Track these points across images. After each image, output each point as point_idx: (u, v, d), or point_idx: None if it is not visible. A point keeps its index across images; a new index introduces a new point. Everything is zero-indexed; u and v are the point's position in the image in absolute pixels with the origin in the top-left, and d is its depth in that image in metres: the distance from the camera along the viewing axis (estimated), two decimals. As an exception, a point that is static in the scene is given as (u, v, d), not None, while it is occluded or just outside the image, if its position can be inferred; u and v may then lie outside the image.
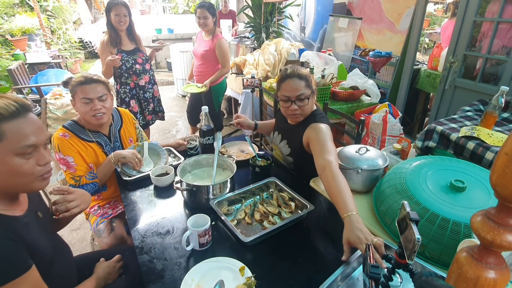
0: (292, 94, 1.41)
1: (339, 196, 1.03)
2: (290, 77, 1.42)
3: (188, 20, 9.21)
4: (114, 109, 1.71)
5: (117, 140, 1.67)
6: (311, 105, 1.48)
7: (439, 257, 0.95)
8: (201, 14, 2.78)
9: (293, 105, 1.43)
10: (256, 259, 1.03)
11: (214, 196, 1.28)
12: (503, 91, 1.32)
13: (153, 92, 2.81)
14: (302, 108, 1.44)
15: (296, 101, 1.42)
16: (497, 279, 0.55)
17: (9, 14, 6.38)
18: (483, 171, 1.08)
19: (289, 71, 1.44)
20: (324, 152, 1.23)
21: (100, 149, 1.58)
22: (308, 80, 1.43)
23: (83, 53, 7.50)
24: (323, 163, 1.18)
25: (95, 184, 1.48)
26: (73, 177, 1.46)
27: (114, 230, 1.56)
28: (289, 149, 1.57)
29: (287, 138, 1.60)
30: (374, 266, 0.73)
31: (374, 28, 3.40)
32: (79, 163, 1.48)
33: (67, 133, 1.49)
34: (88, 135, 1.55)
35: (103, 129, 1.61)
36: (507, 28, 2.26)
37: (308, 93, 1.42)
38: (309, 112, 1.50)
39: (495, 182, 0.51)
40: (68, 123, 1.54)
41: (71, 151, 1.46)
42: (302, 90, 1.40)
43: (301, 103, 1.43)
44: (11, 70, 3.74)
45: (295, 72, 1.42)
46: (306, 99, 1.42)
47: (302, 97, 1.41)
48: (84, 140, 1.53)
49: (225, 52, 2.88)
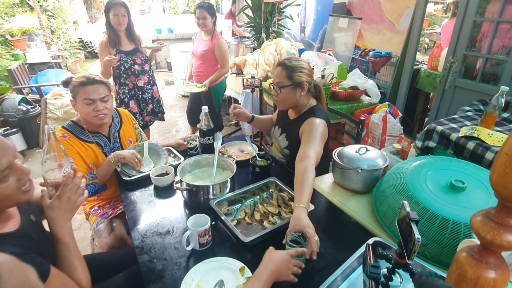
0: (274, 80, 1.52)
1: (301, 188, 1.13)
2: (278, 65, 1.51)
3: (188, 20, 9.20)
4: (113, 110, 1.71)
5: (117, 141, 1.67)
6: (293, 97, 1.50)
7: (439, 257, 0.95)
8: (200, 15, 2.77)
9: (274, 91, 1.53)
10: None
11: (214, 196, 1.28)
12: (503, 91, 1.32)
13: (152, 93, 2.80)
14: (279, 96, 1.51)
15: (276, 88, 1.51)
16: (497, 279, 0.55)
17: (9, 14, 6.38)
18: (483, 171, 1.08)
19: (282, 59, 1.53)
20: (309, 146, 1.31)
21: (99, 150, 1.58)
22: (292, 72, 1.46)
23: (83, 53, 7.49)
24: (303, 155, 1.26)
25: (95, 185, 1.48)
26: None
27: (114, 230, 1.56)
28: (287, 142, 1.63)
29: (286, 131, 1.65)
30: (374, 266, 0.73)
31: (374, 28, 3.40)
32: (79, 164, 1.48)
33: (66, 134, 1.49)
34: (87, 136, 1.55)
35: (103, 129, 1.61)
36: (507, 28, 2.26)
37: (285, 83, 1.47)
38: (298, 104, 1.54)
39: (495, 182, 0.51)
40: (68, 124, 1.54)
41: (70, 152, 1.46)
42: (281, 79, 1.48)
43: (279, 91, 1.50)
44: (11, 70, 3.74)
45: (284, 61, 1.50)
46: (282, 88, 1.48)
47: (279, 85, 1.49)
48: (83, 141, 1.53)
49: (224, 52, 2.87)
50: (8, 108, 3.34)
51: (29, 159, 3.36)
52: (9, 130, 3.20)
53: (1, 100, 3.43)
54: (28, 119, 3.42)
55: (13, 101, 3.38)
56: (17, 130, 3.27)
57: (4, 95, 3.65)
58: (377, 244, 0.94)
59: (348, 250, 0.99)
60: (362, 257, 0.94)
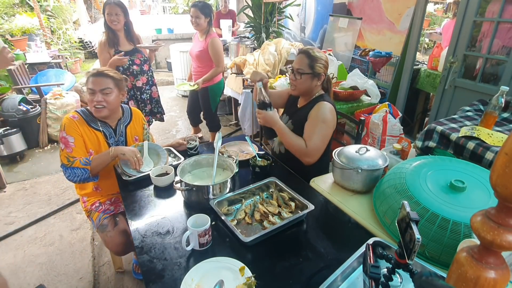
0: (295, 65, 1.60)
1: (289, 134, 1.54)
2: (301, 53, 1.59)
3: (188, 20, 9.19)
4: (127, 107, 1.77)
5: (122, 135, 1.70)
6: (309, 85, 1.60)
7: (439, 257, 0.95)
8: (194, 14, 2.75)
9: (292, 75, 1.61)
10: (256, 259, 1.03)
11: (214, 196, 1.28)
12: (503, 91, 1.32)
13: (151, 93, 2.80)
14: (297, 81, 1.60)
15: (296, 73, 1.59)
16: (497, 279, 0.55)
17: (9, 14, 6.37)
18: (483, 171, 1.08)
19: (305, 48, 1.61)
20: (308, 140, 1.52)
21: (104, 139, 1.63)
22: (314, 62, 1.55)
23: (83, 53, 7.49)
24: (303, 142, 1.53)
25: (86, 171, 1.50)
26: (68, 157, 1.50)
27: (118, 224, 1.60)
28: (292, 125, 1.69)
29: (292, 118, 1.73)
30: (374, 266, 0.73)
31: (374, 28, 3.40)
32: (78, 145, 1.53)
33: (76, 116, 1.58)
34: (96, 124, 1.62)
35: (111, 121, 1.67)
36: (507, 28, 2.26)
37: (306, 71, 1.56)
38: (310, 92, 1.64)
39: (495, 182, 0.51)
40: (81, 110, 1.63)
41: (74, 132, 1.53)
42: (302, 66, 1.57)
43: (298, 76, 1.58)
44: (11, 70, 3.74)
45: (308, 50, 1.59)
46: (302, 74, 1.57)
47: (300, 71, 1.57)
48: (91, 127, 1.60)
49: (217, 50, 2.84)
50: (8, 108, 3.34)
51: (29, 159, 3.36)
52: (9, 130, 3.19)
53: (1, 100, 3.43)
54: (28, 119, 3.42)
55: (13, 101, 3.38)
56: (17, 130, 3.27)
57: (4, 95, 3.65)
58: (377, 244, 0.94)
59: (348, 250, 0.99)
60: (362, 257, 0.94)
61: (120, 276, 1.93)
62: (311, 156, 1.51)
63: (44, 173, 3.10)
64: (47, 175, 3.06)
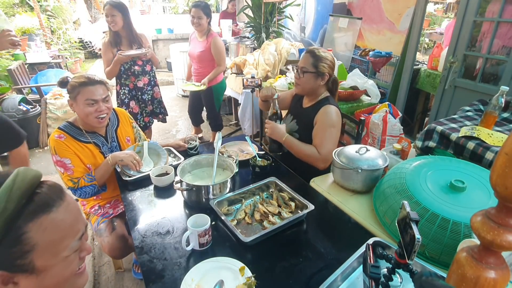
0: (299, 64, 1.62)
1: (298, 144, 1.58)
2: (307, 52, 1.62)
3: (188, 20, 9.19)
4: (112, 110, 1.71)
5: (114, 140, 1.67)
6: (313, 84, 1.61)
7: (439, 257, 0.95)
8: (196, 14, 2.74)
9: (296, 73, 1.63)
10: (256, 259, 1.03)
11: (214, 196, 1.28)
12: (503, 91, 1.32)
13: (152, 93, 2.80)
14: (301, 80, 1.61)
15: (300, 71, 1.61)
16: (497, 279, 0.55)
17: (9, 14, 6.37)
18: (483, 171, 1.08)
19: (311, 47, 1.63)
20: (320, 147, 1.54)
21: (97, 150, 1.58)
22: (319, 61, 1.57)
23: (83, 53, 7.49)
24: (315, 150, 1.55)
25: (94, 186, 1.48)
26: (71, 179, 1.46)
27: (115, 229, 1.57)
28: (296, 126, 1.72)
29: (297, 118, 1.75)
30: (374, 266, 0.73)
31: (374, 28, 3.40)
32: (76, 164, 1.48)
33: (62, 135, 1.48)
34: (84, 136, 1.54)
35: (100, 129, 1.60)
36: (507, 28, 2.26)
37: (310, 69, 1.58)
38: (314, 92, 1.66)
39: (495, 182, 0.51)
40: (64, 125, 1.53)
41: (67, 153, 1.46)
42: (306, 64, 1.58)
43: (301, 75, 1.60)
44: (11, 70, 3.73)
45: (313, 49, 1.61)
46: (306, 73, 1.58)
47: (303, 70, 1.59)
48: (80, 141, 1.52)
49: (220, 49, 2.85)
50: (8, 108, 3.34)
51: (29, 159, 3.36)
52: (9, 130, 3.19)
53: (1, 100, 3.43)
54: (28, 119, 3.42)
55: (13, 101, 3.38)
56: (17, 130, 3.27)
57: (4, 95, 3.65)
58: (377, 244, 0.94)
59: (348, 250, 0.99)
60: (362, 257, 0.94)
61: (120, 276, 1.93)
62: (326, 161, 1.53)
63: (44, 173, 3.10)
64: (47, 175, 3.06)
